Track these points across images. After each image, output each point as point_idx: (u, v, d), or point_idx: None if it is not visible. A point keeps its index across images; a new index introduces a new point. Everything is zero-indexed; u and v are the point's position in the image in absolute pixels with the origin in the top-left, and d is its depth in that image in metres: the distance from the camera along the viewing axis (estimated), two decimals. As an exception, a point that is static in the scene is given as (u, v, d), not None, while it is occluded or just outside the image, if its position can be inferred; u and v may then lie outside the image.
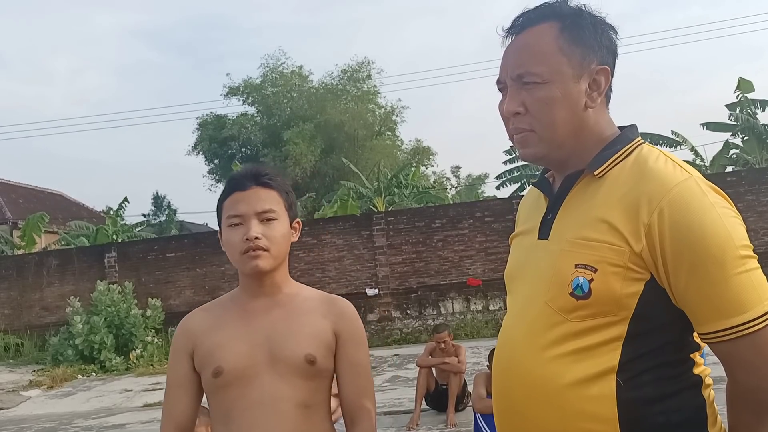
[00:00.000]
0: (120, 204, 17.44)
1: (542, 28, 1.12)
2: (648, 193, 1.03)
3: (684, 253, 1.00)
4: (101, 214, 22.02)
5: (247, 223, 1.38)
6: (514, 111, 1.13)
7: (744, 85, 16.05)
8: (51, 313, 13.16)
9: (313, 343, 1.39)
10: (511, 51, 1.16)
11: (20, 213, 19.96)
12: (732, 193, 11.96)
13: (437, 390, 6.01)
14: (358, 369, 1.44)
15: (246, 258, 1.38)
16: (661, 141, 15.89)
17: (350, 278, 12.29)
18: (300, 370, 1.37)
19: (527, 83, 1.11)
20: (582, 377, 1.05)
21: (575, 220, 1.11)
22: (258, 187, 1.41)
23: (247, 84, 25.56)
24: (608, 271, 1.03)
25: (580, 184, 1.13)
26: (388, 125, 26.47)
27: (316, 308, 1.45)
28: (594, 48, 1.12)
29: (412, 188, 16.97)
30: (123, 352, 11.49)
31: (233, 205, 1.40)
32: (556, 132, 1.11)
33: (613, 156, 1.11)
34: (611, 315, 1.04)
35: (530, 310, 1.14)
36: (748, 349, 1.00)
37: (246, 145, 25.68)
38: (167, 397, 1.46)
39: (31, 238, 15.78)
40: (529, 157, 1.17)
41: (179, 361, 1.44)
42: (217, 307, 1.49)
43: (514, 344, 1.16)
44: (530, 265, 1.18)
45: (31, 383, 10.47)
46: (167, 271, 12.96)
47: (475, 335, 11.04)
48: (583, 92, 1.11)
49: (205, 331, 1.42)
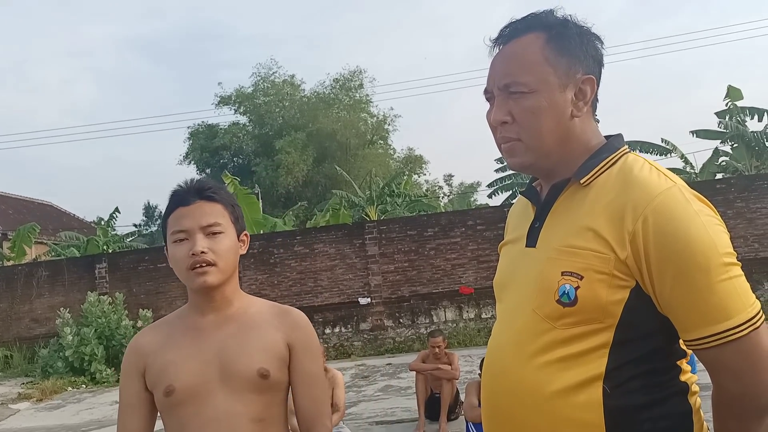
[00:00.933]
0: (111, 214, 17.34)
1: (529, 38, 1.14)
2: (633, 201, 1.04)
3: (668, 260, 1.01)
4: (92, 225, 21.89)
5: (192, 237, 1.36)
6: (501, 120, 1.14)
7: (733, 93, 16.22)
8: (41, 324, 13.02)
9: (266, 357, 1.38)
10: (498, 61, 1.17)
11: (10, 224, 19.79)
12: (722, 200, 12.13)
13: (430, 398, 5.99)
14: (312, 380, 1.43)
15: (193, 274, 1.36)
16: (651, 149, 16.01)
17: (342, 287, 12.25)
18: (253, 384, 1.36)
19: (514, 93, 1.13)
20: (569, 384, 1.06)
21: (562, 228, 1.12)
22: (202, 201, 1.39)
23: (239, 93, 25.58)
24: (594, 278, 1.05)
25: (567, 192, 1.15)
26: (380, 134, 26.56)
27: (268, 321, 1.43)
28: (580, 58, 1.14)
29: (404, 197, 16.98)
30: (113, 363, 11.37)
31: (177, 221, 1.38)
32: (542, 141, 1.12)
33: (598, 165, 1.12)
34: (597, 322, 1.05)
35: (518, 318, 1.15)
36: (732, 355, 1.00)
37: (238, 155, 25.67)
38: (120, 418, 1.44)
39: (21, 249, 15.64)
40: (516, 166, 1.18)
41: (131, 380, 1.42)
42: (166, 325, 1.47)
43: (502, 352, 1.17)
44: (518, 273, 1.19)
45: (20, 396, 10.34)
46: (158, 281, 12.87)
47: (468, 343, 11.02)
48: (569, 101, 1.12)
49: (155, 349, 1.40)
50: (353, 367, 10.07)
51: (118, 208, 17.45)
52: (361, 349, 11.74)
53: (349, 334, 11.99)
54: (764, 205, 11.59)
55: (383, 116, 26.87)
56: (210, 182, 1.46)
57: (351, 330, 12.07)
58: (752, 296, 1.03)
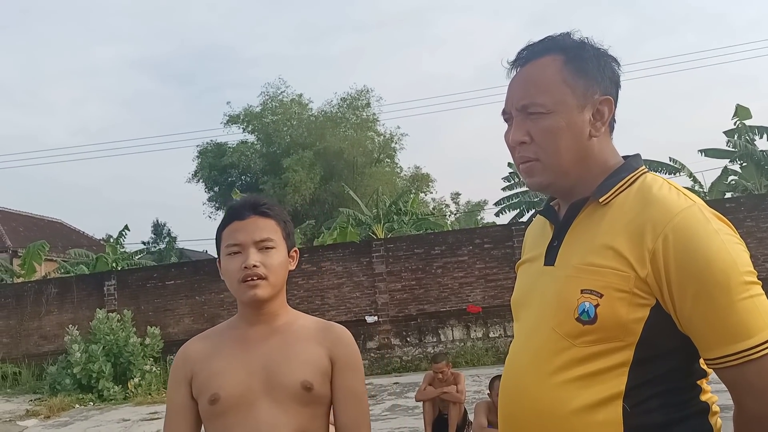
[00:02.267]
0: (120, 232, 17.47)
1: (546, 60, 1.16)
2: (652, 220, 1.05)
3: (689, 278, 1.01)
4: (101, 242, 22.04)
5: (245, 251, 1.40)
6: (519, 140, 1.16)
7: (742, 112, 16.23)
8: (49, 341, 13.07)
9: (309, 370, 1.40)
10: (516, 82, 1.19)
11: (20, 241, 19.97)
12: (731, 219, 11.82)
13: (439, 418, 5.96)
14: (354, 396, 1.45)
15: (245, 287, 1.40)
16: (659, 167, 15.99)
17: (349, 305, 12.24)
18: (297, 396, 1.38)
19: (532, 113, 1.14)
20: (588, 403, 1.06)
21: (581, 247, 1.13)
22: (256, 217, 1.44)
23: (248, 112, 25.82)
24: (614, 296, 1.05)
25: (586, 211, 1.16)
26: (387, 152, 26.67)
27: (312, 335, 1.46)
28: (597, 79, 1.15)
29: (411, 215, 17.01)
30: (121, 380, 11.37)
31: (232, 234, 1.43)
32: (560, 160, 1.14)
33: (617, 184, 1.14)
34: (617, 340, 1.05)
35: (537, 336, 1.15)
36: (754, 374, 1.00)
37: (246, 173, 25.83)
38: (167, 426, 1.46)
39: (31, 266, 15.76)
40: (535, 185, 1.19)
41: (178, 388, 1.45)
42: (215, 334, 1.50)
43: (520, 370, 1.17)
44: (536, 292, 1.19)
45: (28, 413, 10.34)
46: (166, 299, 12.91)
47: (476, 363, 10.95)
48: (587, 122, 1.14)
49: (203, 358, 1.44)
50: (360, 386, 9.99)
51: (128, 225, 17.58)
52: (368, 368, 11.68)
53: (356, 352, 11.93)
54: (773, 224, 11.52)
55: (390, 135, 27.04)
56: (265, 198, 1.50)
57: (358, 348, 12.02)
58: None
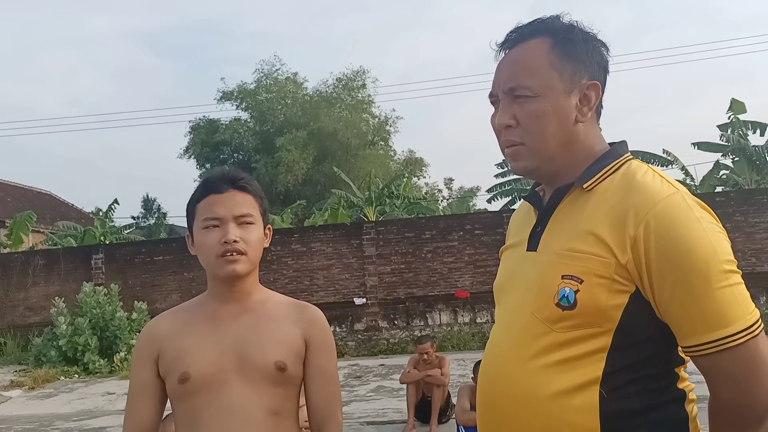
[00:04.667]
0: (109, 206, 17.33)
1: (534, 43, 1.15)
2: (635, 206, 1.05)
3: (669, 265, 1.01)
4: (90, 216, 21.88)
5: (224, 225, 1.37)
6: (505, 123, 1.15)
7: (736, 106, 16.25)
8: (35, 313, 13.01)
9: (283, 350, 1.38)
10: (503, 65, 1.18)
11: (8, 211, 19.77)
12: (721, 213, 12.09)
13: (422, 401, 6.00)
14: (327, 377, 1.44)
15: (223, 261, 1.36)
16: (652, 159, 16.03)
17: (338, 287, 12.26)
18: (270, 376, 1.36)
19: (519, 96, 1.13)
20: (566, 388, 1.06)
21: (563, 232, 1.13)
22: (235, 191, 1.40)
23: (242, 89, 25.56)
24: (594, 282, 1.05)
25: (570, 197, 1.15)
26: (381, 135, 26.54)
27: (286, 315, 1.44)
28: (585, 63, 1.15)
29: (403, 199, 16.99)
30: (107, 354, 11.38)
31: (210, 207, 1.38)
32: (546, 145, 1.13)
33: (602, 170, 1.13)
34: (596, 326, 1.06)
35: (517, 321, 1.15)
36: (730, 362, 1.01)
37: (238, 151, 25.65)
38: (130, 404, 1.43)
39: (18, 237, 15.63)
40: (520, 170, 1.18)
41: (143, 366, 1.41)
42: (183, 311, 1.46)
43: (500, 354, 1.17)
44: (518, 277, 1.19)
45: (12, 383, 10.33)
46: (154, 274, 12.87)
47: (462, 347, 11.04)
48: (574, 107, 1.13)
49: (171, 336, 1.40)
50: (346, 367, 10.07)
51: (117, 199, 17.44)
52: (355, 349, 11.75)
53: (343, 333, 12.00)
54: (763, 219, 11.62)
55: (385, 117, 26.88)
56: (242, 173, 1.45)
57: (345, 330, 12.08)
58: (752, 304, 1.03)
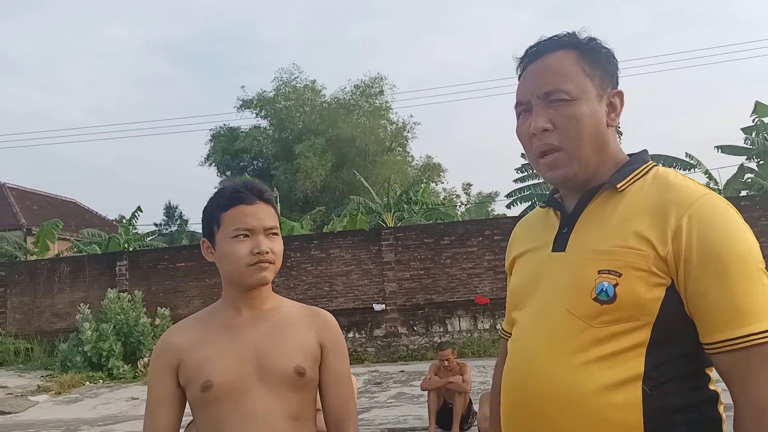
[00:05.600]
0: (133, 213, 17.60)
1: (560, 54, 1.17)
2: (676, 201, 1.08)
3: (710, 257, 1.03)
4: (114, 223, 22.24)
5: (255, 236, 1.42)
6: (542, 127, 1.15)
7: (760, 109, 16.00)
8: (61, 319, 13.26)
9: (301, 355, 1.42)
10: (534, 72, 1.19)
11: (34, 219, 20.20)
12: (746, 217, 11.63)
13: (444, 407, 5.99)
14: (342, 379, 1.48)
15: (254, 269, 1.41)
16: (675, 163, 15.83)
17: (358, 293, 12.29)
18: (290, 381, 1.39)
19: (556, 100, 1.15)
20: (608, 384, 1.05)
21: (595, 231, 1.14)
22: (262, 203, 1.45)
23: (261, 97, 25.84)
24: (633, 275, 1.06)
25: (599, 198, 1.17)
26: (399, 141, 26.61)
27: (300, 320, 1.48)
28: (609, 73, 1.19)
29: (421, 204, 16.99)
30: (131, 360, 11.54)
31: (241, 218, 1.42)
32: (583, 148, 1.15)
33: (633, 172, 1.16)
34: (635, 320, 1.06)
35: (550, 320, 1.14)
36: (760, 360, 1.00)
37: (258, 158, 25.91)
38: (149, 414, 1.45)
39: (44, 244, 15.95)
40: (560, 178, 1.18)
41: (162, 376, 1.44)
42: (198, 322, 1.49)
43: (533, 354, 1.15)
44: (545, 278, 1.19)
45: (39, 388, 10.53)
46: (177, 280, 13.04)
47: (482, 354, 10.98)
48: (605, 112, 1.17)
49: (190, 346, 1.42)
50: (366, 373, 10.09)
51: (140, 207, 17.71)
52: (375, 355, 11.75)
53: (362, 339, 12.02)
54: (788, 223, 11.39)
55: (403, 123, 26.94)
56: (264, 185, 1.51)
57: (365, 336, 12.09)
58: None
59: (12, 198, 21.85)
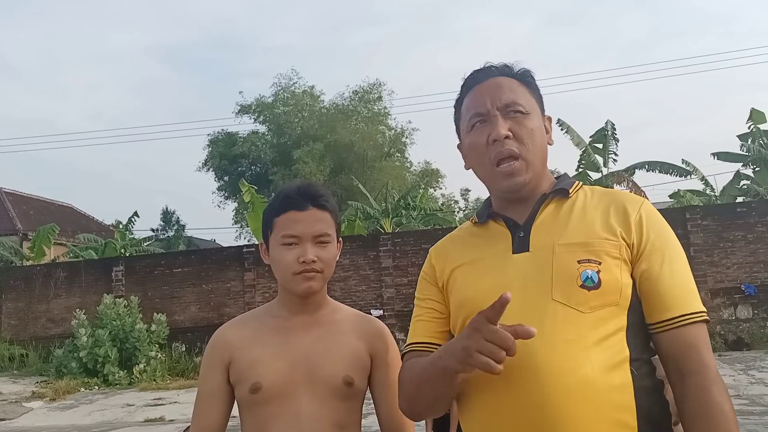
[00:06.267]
0: (129, 218, 17.56)
1: (504, 78, 1.29)
2: (629, 200, 1.24)
3: (663, 241, 1.19)
4: (110, 228, 22.18)
5: (303, 244, 1.39)
6: (504, 134, 1.23)
7: (756, 116, 16.05)
8: (57, 324, 13.19)
9: (351, 365, 1.40)
10: (491, 87, 1.28)
11: (31, 224, 20.14)
12: (742, 224, 11.95)
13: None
14: (395, 389, 1.44)
15: (300, 278, 1.39)
16: (671, 170, 15.84)
17: (355, 298, 12.25)
18: (337, 390, 1.38)
19: (514, 112, 1.25)
20: (607, 366, 1.11)
21: (560, 229, 1.22)
22: (315, 209, 1.41)
23: (259, 102, 25.86)
24: (610, 262, 1.16)
25: (551, 204, 1.27)
26: (397, 147, 26.64)
27: (352, 328, 1.46)
28: (541, 99, 1.32)
29: (419, 210, 16.98)
30: (126, 366, 11.48)
31: (290, 225, 1.40)
32: (536, 159, 1.25)
33: (574, 184, 1.30)
34: (614, 304, 1.14)
35: (535, 313, 1.14)
36: (705, 333, 1.15)
37: (256, 163, 25.89)
38: (198, 407, 1.44)
39: (40, 249, 15.89)
40: (517, 185, 1.25)
41: (214, 371, 1.43)
42: (254, 320, 1.48)
43: (526, 344, 1.10)
44: (515, 278, 1.19)
45: (33, 395, 10.46)
46: (173, 286, 12.99)
47: (480, 360, 10.92)
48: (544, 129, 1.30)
49: (243, 345, 1.42)
50: (363, 379, 10.03)
51: (137, 212, 17.67)
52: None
53: (360, 345, 11.98)
54: (785, 230, 11.39)
55: (401, 129, 26.94)
56: (322, 189, 1.47)
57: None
58: None
59: (8, 203, 21.79)
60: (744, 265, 11.37)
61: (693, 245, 11.34)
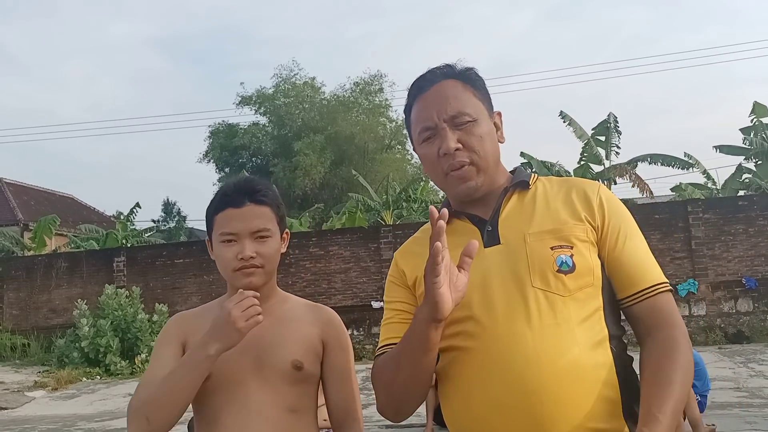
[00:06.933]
0: (131, 209, 17.58)
1: (449, 82, 1.29)
2: (588, 186, 1.30)
3: (622, 221, 1.26)
4: (112, 219, 22.21)
5: (241, 241, 1.39)
6: (454, 147, 1.25)
7: (759, 110, 16.01)
8: (58, 315, 13.24)
9: (301, 349, 1.41)
10: (434, 98, 1.28)
11: (32, 215, 20.15)
12: (743, 217, 11.94)
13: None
14: (345, 375, 1.47)
15: (239, 275, 1.39)
16: (673, 162, 15.83)
17: (356, 290, 12.29)
18: (286, 375, 1.39)
19: (462, 123, 1.26)
20: (591, 344, 1.16)
21: (526, 219, 1.26)
22: (252, 205, 1.41)
23: (260, 94, 25.78)
24: (581, 246, 1.21)
25: (513, 197, 1.30)
26: (398, 139, 26.57)
27: (303, 316, 1.47)
28: (487, 97, 1.33)
29: (420, 202, 16.98)
30: (128, 356, 11.54)
31: (227, 222, 1.40)
32: (488, 162, 1.28)
33: (532, 176, 1.34)
34: (590, 286, 1.20)
35: (516, 301, 1.18)
36: (668, 302, 1.21)
37: (256, 155, 25.85)
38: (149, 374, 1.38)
39: (41, 240, 15.92)
40: (471, 189, 1.27)
41: (169, 344, 1.42)
42: (207, 312, 1.48)
43: (515, 333, 1.15)
44: (490, 271, 1.22)
45: (36, 384, 10.52)
46: (175, 277, 13.02)
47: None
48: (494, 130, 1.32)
49: (195, 332, 1.41)
50: (364, 370, 10.06)
51: (139, 203, 17.68)
52: (373, 353, 11.71)
53: (361, 337, 12.02)
54: (787, 223, 11.39)
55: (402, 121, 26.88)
56: (260, 183, 1.46)
57: (363, 333, 12.09)
58: None
59: (9, 193, 21.80)
60: (745, 259, 11.38)
61: (694, 238, 11.36)
